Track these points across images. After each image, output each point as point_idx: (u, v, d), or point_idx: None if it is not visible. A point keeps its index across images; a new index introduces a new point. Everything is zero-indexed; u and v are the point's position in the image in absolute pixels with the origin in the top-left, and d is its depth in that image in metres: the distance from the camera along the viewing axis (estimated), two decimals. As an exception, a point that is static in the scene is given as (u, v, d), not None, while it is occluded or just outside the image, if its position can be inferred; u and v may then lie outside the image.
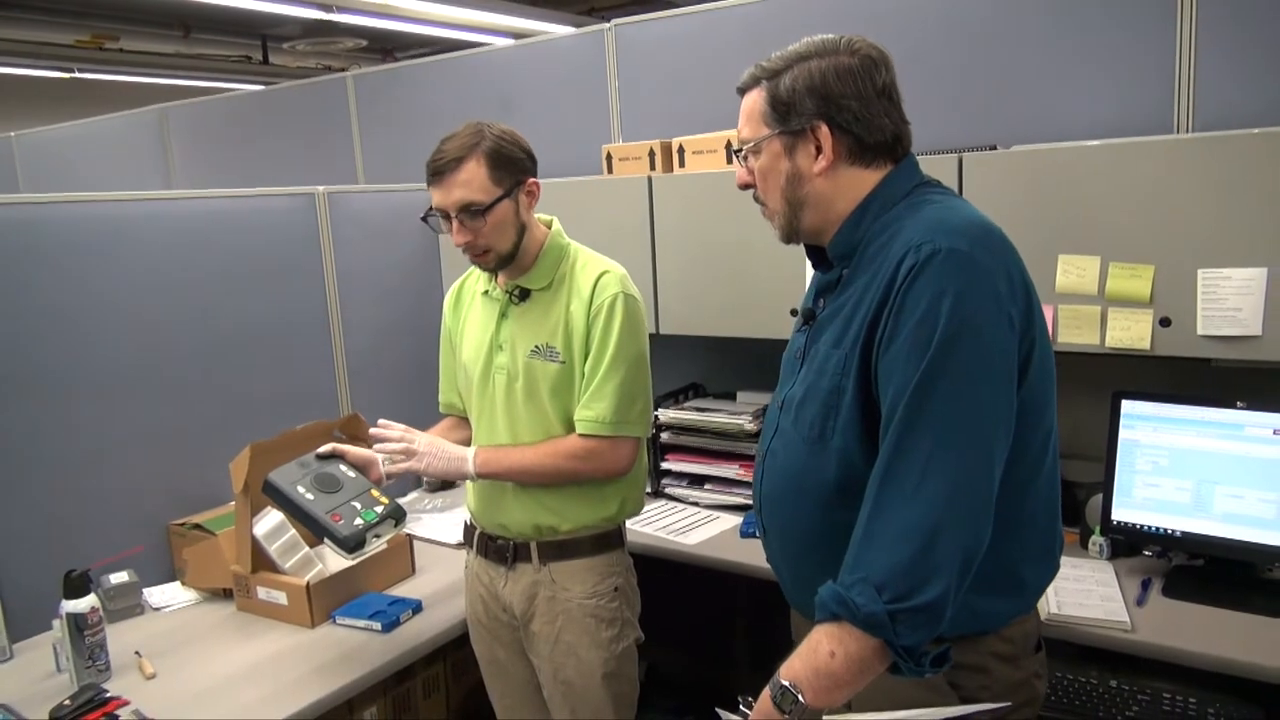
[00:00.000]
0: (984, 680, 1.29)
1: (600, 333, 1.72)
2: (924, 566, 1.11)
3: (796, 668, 1.16)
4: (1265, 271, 1.74)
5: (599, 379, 1.72)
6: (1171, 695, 1.67)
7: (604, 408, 1.72)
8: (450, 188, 1.65)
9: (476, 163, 1.65)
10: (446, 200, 1.67)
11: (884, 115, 1.27)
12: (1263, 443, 1.81)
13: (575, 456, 1.73)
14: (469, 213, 1.66)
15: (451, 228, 1.69)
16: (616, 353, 1.72)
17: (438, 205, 1.69)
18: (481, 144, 1.66)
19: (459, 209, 1.66)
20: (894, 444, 1.16)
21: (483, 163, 1.65)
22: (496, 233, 1.69)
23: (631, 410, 1.74)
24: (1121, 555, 2.02)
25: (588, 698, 1.80)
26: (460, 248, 1.71)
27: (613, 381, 1.72)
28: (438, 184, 1.67)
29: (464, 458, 1.76)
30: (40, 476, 2.02)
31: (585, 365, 1.74)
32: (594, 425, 1.72)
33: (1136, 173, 1.84)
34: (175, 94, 5.76)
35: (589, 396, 1.73)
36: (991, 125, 2.23)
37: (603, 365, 1.72)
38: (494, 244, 1.70)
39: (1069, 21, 2.19)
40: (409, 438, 1.77)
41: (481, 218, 1.66)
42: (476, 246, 1.69)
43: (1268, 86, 1.99)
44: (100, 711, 1.65)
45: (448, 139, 1.68)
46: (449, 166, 1.65)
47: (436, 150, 1.68)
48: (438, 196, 1.68)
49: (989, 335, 1.15)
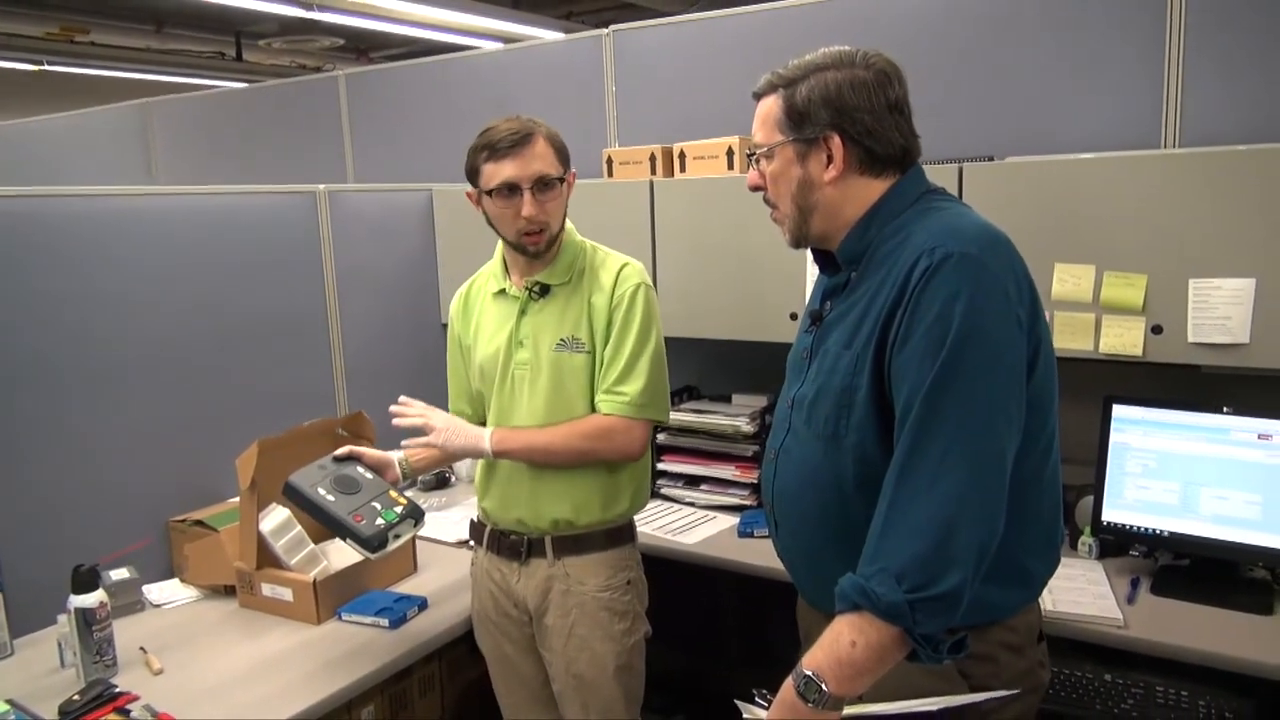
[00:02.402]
0: (993, 669, 1.33)
1: (623, 318, 1.77)
2: (942, 557, 1.16)
3: (819, 658, 1.20)
4: (1253, 282, 1.82)
5: (626, 361, 1.76)
6: (1164, 689, 1.74)
7: (634, 389, 1.76)
8: (530, 159, 1.70)
9: (545, 141, 1.73)
10: (524, 171, 1.70)
11: (894, 129, 1.32)
12: (1248, 446, 1.89)
13: (591, 436, 1.77)
14: (543, 184, 1.72)
15: (520, 202, 1.71)
16: (642, 338, 1.77)
17: (512, 177, 1.70)
18: (541, 127, 1.73)
19: (535, 180, 1.71)
20: (910, 440, 1.20)
21: (549, 142, 1.74)
22: (558, 210, 1.76)
23: (657, 394, 1.80)
24: (1110, 555, 2.09)
25: (599, 691, 1.82)
26: (525, 222, 1.73)
27: (641, 364, 1.77)
28: (515, 155, 1.69)
29: (481, 435, 1.79)
30: (38, 473, 2.00)
31: (607, 349, 1.78)
32: (621, 405, 1.76)
33: (1131, 185, 1.92)
34: (147, 89, 5.69)
35: (616, 378, 1.77)
36: (989, 137, 2.30)
37: (628, 348, 1.76)
38: (553, 221, 1.76)
39: (1063, 39, 2.27)
40: (428, 413, 1.81)
41: (553, 190, 1.73)
42: (539, 221, 1.73)
43: (1251, 105, 2.09)
44: (111, 706, 1.64)
45: (494, 124, 1.73)
46: (526, 140, 1.70)
47: (491, 130, 1.72)
48: (513, 168, 1.70)
49: (999, 335, 1.20)
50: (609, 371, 1.77)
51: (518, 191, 1.71)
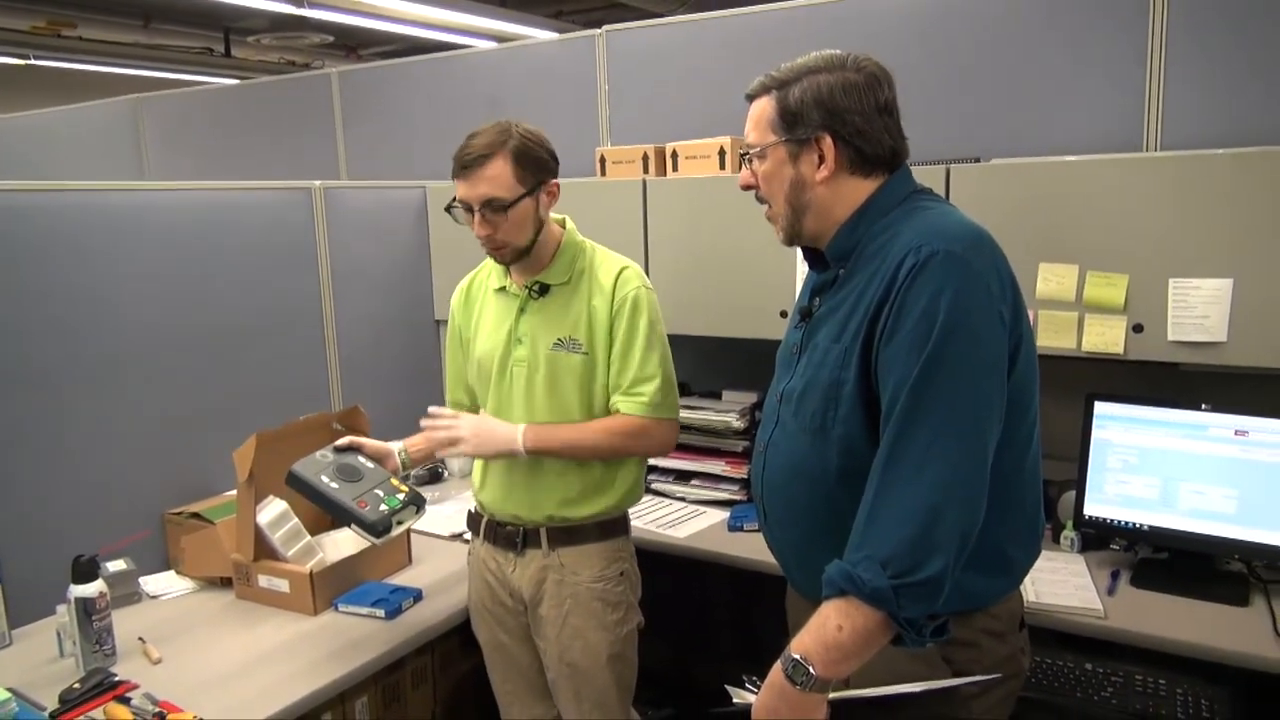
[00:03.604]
0: (975, 655, 1.38)
1: (628, 323, 1.80)
2: (926, 544, 1.20)
3: (806, 642, 1.24)
4: (1230, 282, 1.87)
5: (638, 364, 1.80)
6: (1143, 678, 1.78)
7: (651, 389, 1.80)
8: (476, 182, 1.71)
9: (504, 160, 1.71)
10: (471, 194, 1.72)
11: (884, 130, 1.36)
12: (1225, 442, 1.94)
13: (629, 434, 1.81)
14: (492, 208, 1.72)
15: (473, 220, 1.74)
16: (650, 341, 1.81)
17: (462, 198, 1.74)
18: (509, 142, 1.71)
19: (483, 203, 1.72)
20: (896, 431, 1.24)
21: (509, 161, 1.71)
22: (516, 229, 1.75)
23: (671, 394, 1.84)
24: (1091, 549, 2.14)
25: (592, 680, 1.85)
26: (480, 240, 1.76)
27: (652, 366, 1.80)
28: (464, 177, 1.72)
29: (513, 436, 1.79)
30: (35, 466, 2.02)
31: (614, 353, 1.81)
32: (641, 406, 1.80)
33: (1113, 187, 1.96)
34: (135, 85, 5.68)
35: (632, 381, 1.80)
36: (975, 139, 2.35)
37: (638, 351, 1.80)
38: (512, 239, 1.76)
39: (1049, 45, 2.32)
40: (455, 424, 1.83)
41: (503, 213, 1.72)
42: (495, 240, 1.75)
43: (1230, 110, 2.14)
44: (111, 694, 1.66)
45: (475, 134, 1.74)
46: (477, 162, 1.70)
47: (464, 145, 1.73)
48: (463, 189, 1.73)
49: (983, 331, 1.25)
50: (623, 374, 1.81)
51: (471, 210, 1.74)
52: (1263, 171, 1.83)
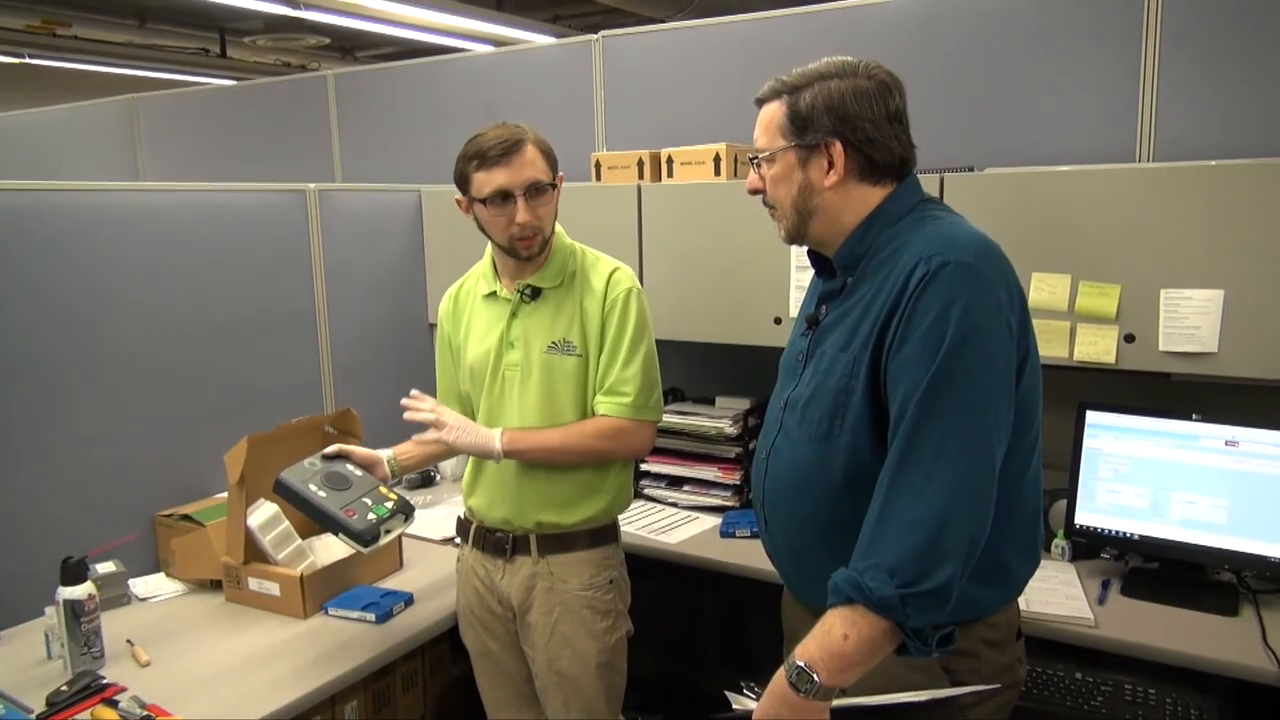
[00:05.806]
0: (974, 664, 1.38)
1: (617, 323, 1.81)
2: (933, 553, 1.20)
3: (811, 649, 1.24)
4: (1222, 293, 1.88)
5: (620, 364, 1.80)
6: (1132, 687, 1.79)
7: (631, 390, 1.80)
8: (521, 166, 1.73)
9: (535, 147, 1.75)
10: (516, 178, 1.73)
11: (894, 138, 1.37)
12: (1215, 453, 1.95)
13: (605, 436, 1.81)
14: (536, 190, 1.74)
15: (513, 209, 1.73)
16: (635, 341, 1.81)
17: (505, 184, 1.73)
18: (529, 134, 1.76)
19: (528, 186, 1.74)
20: (905, 439, 1.24)
21: (538, 148, 1.76)
22: (549, 215, 1.79)
23: (653, 396, 1.84)
24: (1082, 558, 2.14)
25: (581, 688, 1.85)
26: (518, 228, 1.75)
27: (634, 367, 1.81)
28: (505, 164, 1.72)
29: (491, 436, 1.80)
30: (24, 467, 2.01)
31: (602, 354, 1.81)
32: (622, 409, 1.80)
33: (1106, 197, 1.97)
34: (130, 85, 5.67)
35: (614, 381, 1.80)
36: (970, 148, 2.35)
37: (623, 352, 1.80)
38: (545, 226, 1.79)
39: (1043, 54, 2.33)
40: (439, 410, 1.83)
41: (546, 195, 1.76)
42: (533, 226, 1.75)
43: (1222, 121, 2.15)
44: (99, 697, 1.65)
45: (484, 131, 1.75)
46: (515, 147, 1.72)
47: (485, 138, 1.74)
48: (504, 176, 1.72)
49: (991, 341, 1.25)
50: (606, 374, 1.81)
51: (511, 199, 1.73)
52: (1254, 183, 1.84)
